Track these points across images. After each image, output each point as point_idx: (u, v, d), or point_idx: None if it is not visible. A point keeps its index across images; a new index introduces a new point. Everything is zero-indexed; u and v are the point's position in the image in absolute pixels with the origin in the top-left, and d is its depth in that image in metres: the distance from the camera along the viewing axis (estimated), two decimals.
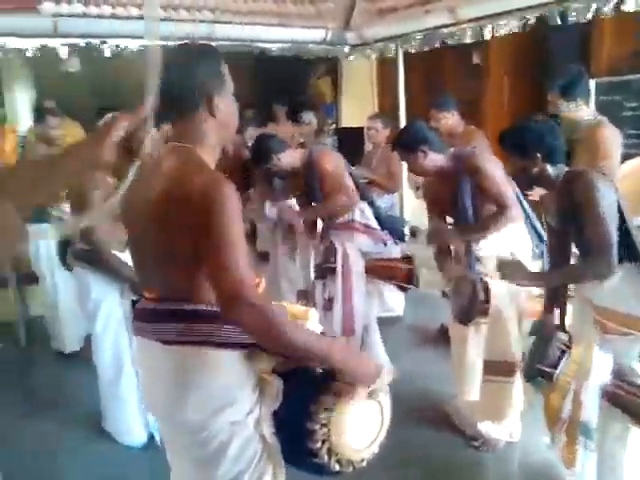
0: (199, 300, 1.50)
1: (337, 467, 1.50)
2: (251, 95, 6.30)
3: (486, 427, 3.01)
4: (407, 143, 2.93)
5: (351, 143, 6.28)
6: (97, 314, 2.97)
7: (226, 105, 1.57)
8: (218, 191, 1.40)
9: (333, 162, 3.62)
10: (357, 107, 6.96)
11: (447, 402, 3.29)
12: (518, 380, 2.86)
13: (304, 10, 5.94)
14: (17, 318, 4.60)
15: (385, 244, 3.78)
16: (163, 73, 1.49)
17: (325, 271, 3.66)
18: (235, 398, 1.53)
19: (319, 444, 1.47)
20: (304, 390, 1.53)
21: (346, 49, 5.98)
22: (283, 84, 6.42)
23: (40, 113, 4.33)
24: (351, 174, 3.72)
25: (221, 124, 1.57)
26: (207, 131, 1.55)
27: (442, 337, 4.13)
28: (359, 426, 1.52)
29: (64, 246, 3.19)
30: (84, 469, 2.95)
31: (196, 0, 5.44)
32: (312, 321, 1.72)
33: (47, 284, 4.24)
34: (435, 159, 2.91)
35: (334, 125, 7.15)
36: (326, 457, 1.48)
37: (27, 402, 3.65)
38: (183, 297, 1.52)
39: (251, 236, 4.59)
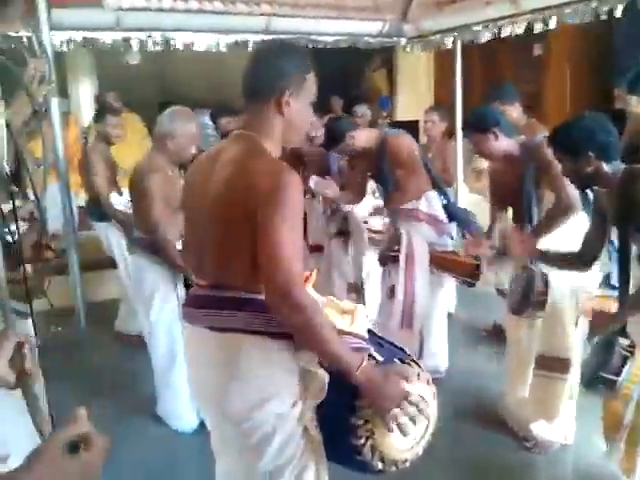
0: (250, 289, 1.51)
1: (380, 465, 1.49)
2: None
3: (539, 428, 2.93)
4: (480, 123, 2.90)
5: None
6: (152, 302, 3.02)
7: (297, 109, 1.57)
8: (281, 179, 1.42)
9: (407, 146, 3.56)
10: (412, 100, 6.87)
11: (500, 402, 3.23)
12: (572, 379, 2.79)
13: (361, 2, 5.90)
14: (77, 302, 4.77)
15: (452, 237, 3.71)
16: (250, 62, 1.57)
17: (388, 258, 3.62)
18: (280, 389, 1.54)
19: (362, 440, 1.47)
20: (349, 385, 1.52)
21: (403, 41, 5.91)
22: (339, 77, 6.41)
23: (101, 111, 4.45)
24: (424, 160, 3.65)
25: (288, 124, 1.58)
26: (273, 126, 1.57)
27: (495, 336, 4.05)
28: (404, 424, 1.50)
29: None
30: (137, 453, 3.02)
31: None
32: (360, 317, 1.71)
33: (120, 270, 4.37)
34: (505, 143, 2.88)
35: (389, 118, 7.09)
36: (369, 454, 1.48)
37: (86, 385, 3.78)
38: (235, 285, 1.54)
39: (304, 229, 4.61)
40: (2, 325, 2.01)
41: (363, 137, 3.54)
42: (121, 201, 4.23)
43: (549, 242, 2.81)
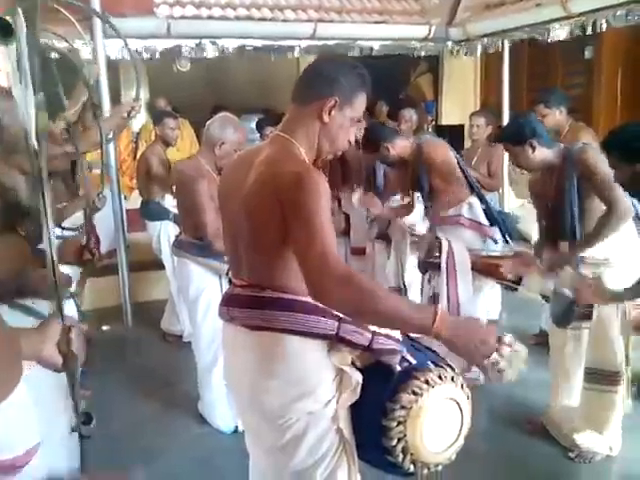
0: (284, 288, 1.54)
1: (411, 467, 1.49)
2: None
3: (584, 438, 2.86)
4: (516, 135, 2.85)
5: (450, 140, 6.16)
6: (198, 303, 3.08)
7: (338, 121, 1.58)
8: (307, 178, 1.43)
9: (443, 154, 3.55)
10: (457, 104, 6.81)
11: (543, 411, 3.16)
12: (621, 391, 2.72)
13: (408, 7, 5.91)
14: (124, 302, 4.92)
15: (495, 241, 3.66)
16: (306, 68, 1.62)
17: (428, 266, 3.60)
18: (313, 388, 1.55)
19: (394, 442, 1.47)
20: (382, 386, 1.53)
21: (449, 45, 5.87)
22: (385, 82, 6.40)
23: (159, 114, 4.61)
24: (461, 167, 3.63)
25: (324, 132, 1.59)
26: (309, 131, 1.59)
27: (540, 343, 3.97)
28: (436, 427, 1.50)
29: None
30: (178, 449, 3.10)
31: (302, 1, 5.55)
32: None
33: (168, 271, 4.50)
34: (543, 153, 2.82)
35: (433, 122, 7.04)
36: (401, 456, 1.47)
37: (131, 382, 3.90)
38: (269, 284, 1.56)
39: (346, 231, 4.63)
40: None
41: (399, 147, 3.56)
42: (174, 203, 4.36)
43: (599, 250, 2.75)
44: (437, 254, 3.50)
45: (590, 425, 2.84)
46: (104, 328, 4.75)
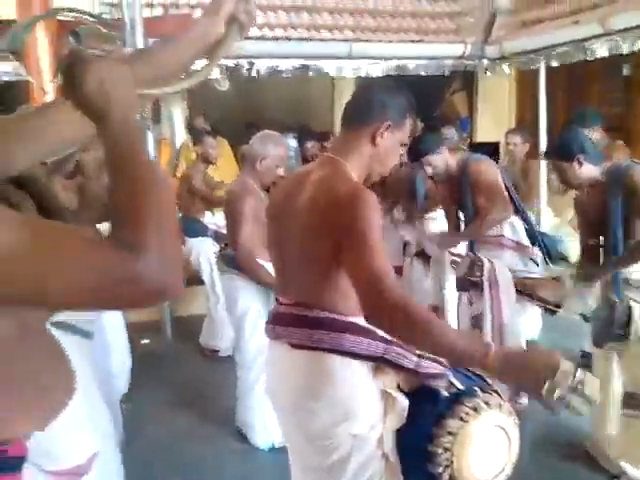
0: (332, 308, 1.56)
1: None
2: None
3: (630, 466, 2.81)
4: (563, 151, 2.82)
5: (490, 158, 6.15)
6: (245, 318, 3.10)
7: (389, 144, 1.65)
8: (359, 199, 1.47)
9: (490, 172, 3.52)
10: (492, 121, 6.79)
11: (586, 436, 3.11)
12: None
13: (443, 26, 5.94)
14: (163, 317, 5.00)
15: (536, 263, 3.63)
16: (357, 92, 1.71)
17: (467, 284, 3.58)
18: (358, 410, 1.56)
19: (440, 469, 1.48)
20: (428, 411, 1.54)
21: (484, 63, 5.86)
22: (418, 99, 6.40)
23: (200, 134, 4.72)
24: (506, 185, 3.60)
25: (376, 155, 1.65)
26: (361, 154, 1.64)
27: (583, 365, 3.90)
28: (484, 455, 1.50)
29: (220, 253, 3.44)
30: (216, 465, 3.13)
31: (337, 20, 5.63)
32: None
33: (208, 287, 4.59)
34: (590, 170, 2.78)
35: (468, 139, 7.02)
36: None
37: (170, 395, 3.96)
38: (316, 304, 1.58)
39: None
40: None
41: (442, 161, 3.52)
42: (214, 220, 4.46)
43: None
44: (478, 274, 3.47)
45: (628, 456, 2.78)
46: (144, 341, 4.84)
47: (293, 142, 5.88)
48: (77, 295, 0.83)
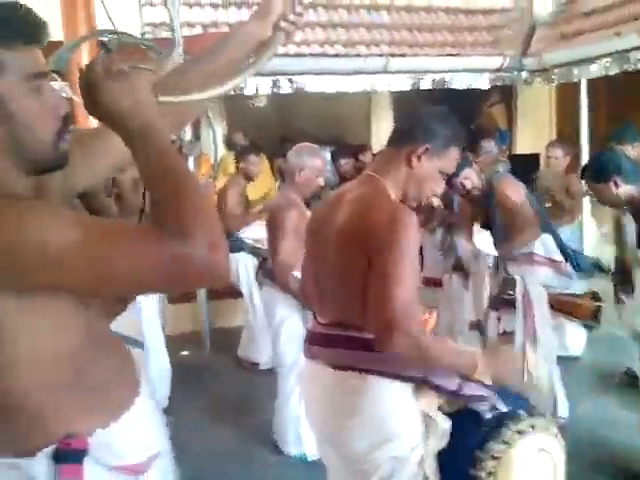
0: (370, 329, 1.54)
1: None
2: None
3: None
4: (598, 173, 2.78)
5: (525, 170, 6.07)
6: (280, 330, 3.14)
7: (427, 169, 1.63)
8: (398, 221, 1.46)
9: (516, 191, 3.51)
10: (532, 133, 6.71)
11: (633, 456, 3.01)
12: None
13: (480, 38, 5.91)
14: (203, 328, 5.06)
15: (570, 278, 3.59)
16: (406, 112, 1.68)
17: (500, 303, 3.54)
18: (399, 432, 1.54)
19: None
20: (471, 434, 1.53)
21: (524, 75, 5.81)
22: (456, 111, 6.37)
23: (243, 151, 4.78)
24: (531, 204, 3.58)
25: (411, 178, 1.63)
26: (398, 174, 1.63)
27: (627, 382, 3.81)
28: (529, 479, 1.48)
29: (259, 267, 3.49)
30: (249, 477, 3.15)
31: (374, 35, 5.66)
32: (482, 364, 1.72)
33: (246, 300, 4.63)
34: (627, 190, 2.73)
35: (507, 152, 6.95)
36: None
37: (209, 407, 3.99)
38: (354, 324, 1.57)
39: (419, 262, 4.60)
40: None
41: (468, 179, 3.50)
42: (249, 234, 4.51)
43: None
44: (510, 292, 3.44)
45: None
46: (183, 353, 4.91)
47: (328, 156, 5.91)
48: (136, 277, 0.95)
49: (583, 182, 4.03)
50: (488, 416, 1.53)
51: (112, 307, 1.29)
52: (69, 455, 1.01)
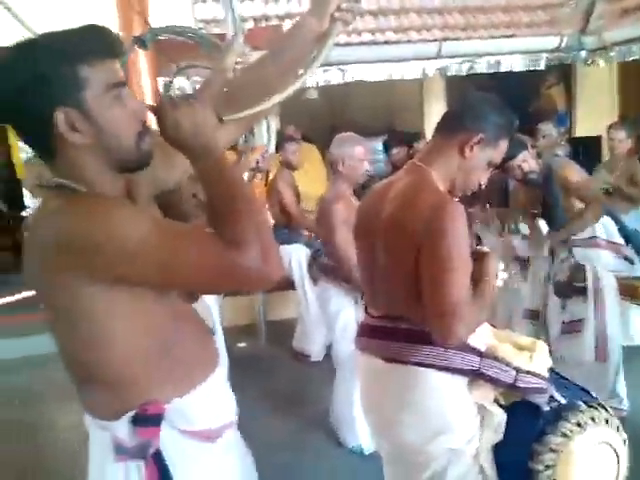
0: (422, 321, 1.53)
1: None
2: None
3: None
4: None
5: (587, 153, 5.84)
6: (335, 323, 3.19)
7: (478, 159, 1.60)
8: (445, 212, 1.45)
9: (577, 171, 3.43)
10: (593, 115, 6.44)
11: None
12: None
13: (536, 18, 5.71)
14: (259, 321, 5.14)
15: (632, 262, 3.47)
16: (459, 101, 1.71)
17: (567, 290, 3.44)
18: (453, 424, 1.53)
19: None
20: (529, 427, 1.50)
21: (583, 54, 5.58)
22: (513, 95, 6.21)
23: (280, 141, 4.80)
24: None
25: (463, 167, 1.60)
26: (448, 164, 1.60)
27: None
28: (589, 473, 1.44)
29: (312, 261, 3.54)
30: (313, 469, 3.16)
31: (425, 20, 5.56)
32: (540, 354, 1.67)
33: (299, 292, 4.67)
34: None
35: (567, 134, 6.70)
36: None
37: (266, 399, 4.05)
38: (406, 316, 1.57)
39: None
40: None
41: (526, 163, 3.38)
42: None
43: None
44: (582, 280, 3.32)
45: None
46: (240, 345, 4.99)
47: (380, 146, 5.84)
48: (196, 278, 1.10)
49: None
50: (546, 408, 1.50)
51: (188, 294, 1.38)
52: (146, 419, 1.14)
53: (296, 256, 4.57)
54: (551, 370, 1.64)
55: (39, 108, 1.04)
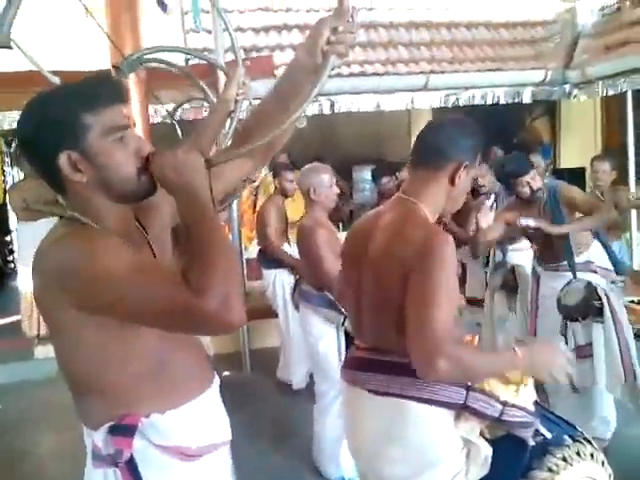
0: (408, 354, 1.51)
1: None
2: None
3: None
4: None
5: (571, 184, 5.91)
6: (317, 350, 3.16)
7: (465, 183, 1.64)
8: (435, 246, 1.45)
9: (579, 193, 3.52)
10: (577, 147, 6.57)
11: None
12: None
13: (522, 52, 5.83)
14: (243, 349, 5.07)
15: (618, 286, 3.56)
16: (429, 130, 1.68)
17: (585, 311, 3.34)
18: (439, 458, 1.52)
19: None
20: (515, 461, 1.49)
21: (567, 88, 5.70)
22: (498, 126, 6.30)
23: (278, 168, 4.82)
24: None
25: (452, 194, 1.62)
26: (437, 194, 1.62)
27: None
28: None
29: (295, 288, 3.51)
30: None
31: (413, 53, 5.66)
32: (526, 388, 1.66)
33: (281, 318, 4.63)
34: None
35: (551, 166, 6.80)
36: None
37: (250, 427, 3.98)
38: (393, 349, 1.55)
39: (461, 280, 4.52)
40: None
41: (540, 181, 3.42)
42: (291, 252, 4.52)
43: None
44: (597, 299, 3.31)
45: None
46: (225, 373, 4.93)
47: (368, 175, 5.88)
48: (148, 313, 1.12)
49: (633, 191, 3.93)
50: (532, 443, 1.49)
51: None
52: (120, 429, 1.21)
53: (279, 280, 4.54)
54: (536, 403, 1.63)
55: (46, 150, 1.16)
